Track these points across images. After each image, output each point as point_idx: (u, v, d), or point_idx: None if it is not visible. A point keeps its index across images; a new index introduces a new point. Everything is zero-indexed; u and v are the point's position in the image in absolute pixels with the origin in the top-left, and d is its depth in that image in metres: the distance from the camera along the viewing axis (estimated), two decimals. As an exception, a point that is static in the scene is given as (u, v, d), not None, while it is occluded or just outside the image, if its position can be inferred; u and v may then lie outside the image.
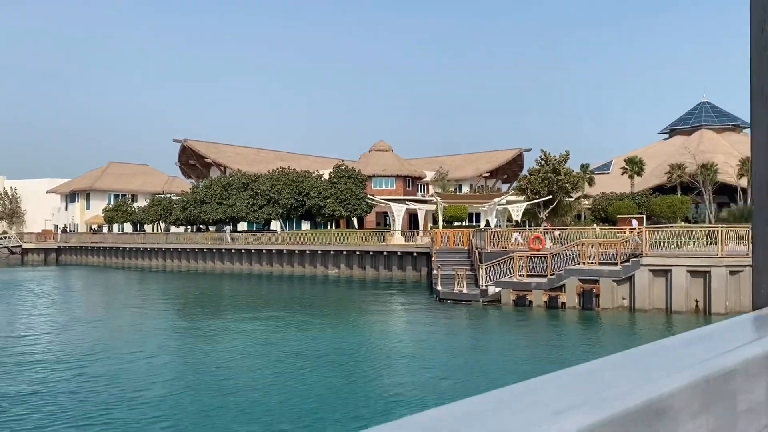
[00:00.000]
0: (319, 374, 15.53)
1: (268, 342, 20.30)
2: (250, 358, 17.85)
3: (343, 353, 18.30)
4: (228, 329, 23.28)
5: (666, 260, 24.79)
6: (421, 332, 22.51)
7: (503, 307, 27.27)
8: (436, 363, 16.97)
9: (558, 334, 21.87)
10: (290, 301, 32.92)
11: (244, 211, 58.49)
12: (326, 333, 21.98)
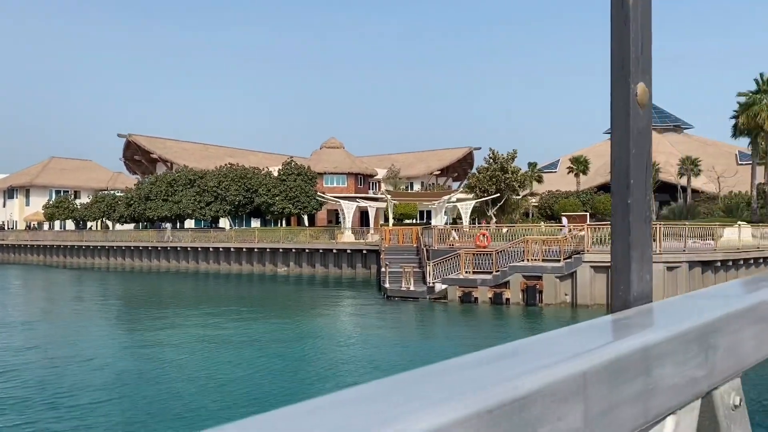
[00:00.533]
0: (262, 376, 15.23)
1: (211, 344, 19.85)
2: (192, 360, 17.39)
3: (288, 354, 18.03)
4: (169, 330, 22.65)
5: (607, 257, 25.30)
6: (367, 331, 22.40)
7: (449, 304, 27.42)
8: (381, 363, 16.88)
9: (501, 330, 22.09)
10: (236, 300, 32.35)
11: (191, 208, 57.28)
12: (271, 333, 21.64)
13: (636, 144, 0.98)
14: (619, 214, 1.00)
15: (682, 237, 26.32)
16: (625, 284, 1.00)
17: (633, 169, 0.98)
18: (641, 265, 1.01)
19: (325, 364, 16.66)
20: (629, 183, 0.96)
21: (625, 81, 0.98)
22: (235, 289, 38.50)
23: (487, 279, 27.40)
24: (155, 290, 38.16)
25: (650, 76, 1.04)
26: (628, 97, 0.98)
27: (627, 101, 0.97)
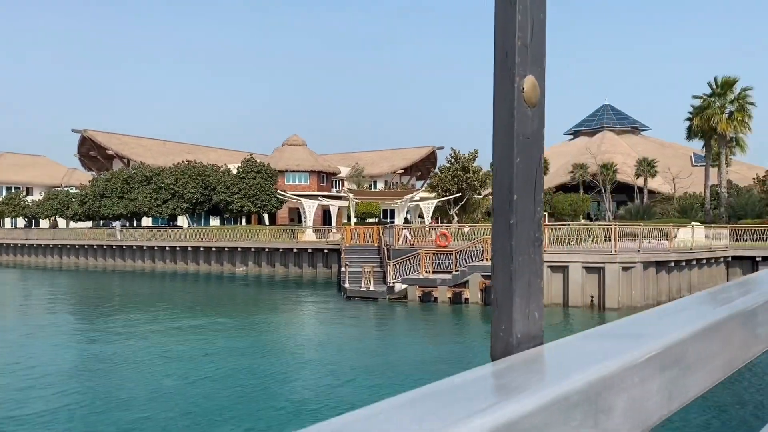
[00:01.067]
0: (217, 380, 14.77)
1: (163, 346, 19.25)
2: (141, 366, 16.78)
3: (243, 357, 17.57)
4: (119, 332, 21.92)
5: (563, 257, 25.53)
6: (325, 333, 22.08)
7: (409, 304, 27.26)
8: (338, 366, 16.56)
9: (458, 331, 22.02)
10: (190, 301, 31.63)
11: (147, 206, 55.95)
12: (226, 335, 21.13)
13: (522, 151, 0.82)
14: (500, 236, 0.82)
15: (636, 237, 26.66)
16: (506, 324, 0.82)
17: (518, 181, 0.81)
18: (527, 299, 0.83)
19: (281, 368, 16.27)
20: (512, 200, 0.80)
21: (510, 73, 0.82)
22: (190, 290, 37.68)
23: (447, 279, 27.33)
24: (105, 291, 37.07)
25: (543, 69, 0.87)
26: (513, 94, 0.82)
27: (511, 98, 0.82)
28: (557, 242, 28.12)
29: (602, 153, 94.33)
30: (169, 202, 56.36)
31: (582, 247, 27.14)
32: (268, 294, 34.13)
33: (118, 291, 37.02)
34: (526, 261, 0.83)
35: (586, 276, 25.32)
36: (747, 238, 34.19)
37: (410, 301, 27.61)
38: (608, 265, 24.86)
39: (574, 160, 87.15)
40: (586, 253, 25.55)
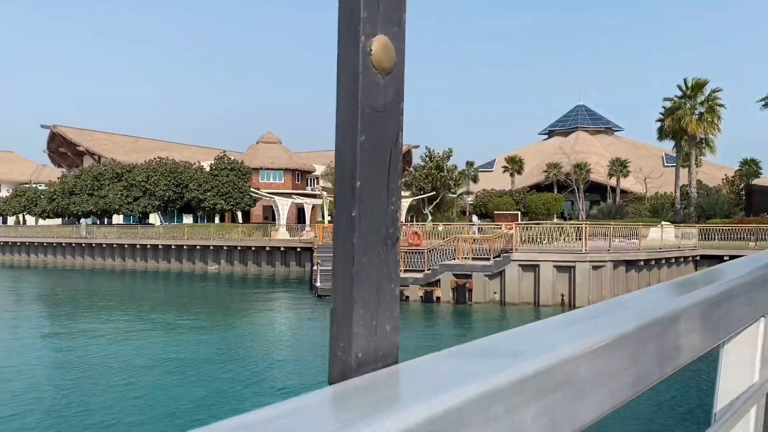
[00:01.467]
0: (178, 383, 14.46)
1: (125, 347, 18.85)
2: (108, 366, 16.39)
3: (207, 359, 17.26)
4: (82, 333, 21.43)
5: (534, 255, 25.61)
6: (294, 333, 21.84)
7: (380, 303, 27.10)
8: (306, 366, 16.36)
9: (430, 330, 21.90)
10: (160, 300, 31.11)
11: (118, 203, 55.01)
12: (192, 336, 20.78)
13: (370, 127, 0.64)
14: (341, 233, 0.65)
15: (607, 237, 26.84)
16: (345, 341, 0.64)
17: (363, 165, 0.64)
18: (374, 310, 0.66)
19: (249, 368, 15.99)
20: (354, 186, 0.63)
21: (354, 31, 0.63)
22: (161, 289, 37.08)
23: (419, 277, 27.22)
24: (71, 289, 36.31)
25: (401, 29, 0.67)
26: (357, 57, 0.63)
27: (355, 62, 0.64)
28: (529, 241, 28.18)
29: (576, 153, 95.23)
30: (140, 199, 55.48)
31: (554, 246, 27.24)
32: (238, 293, 33.71)
33: (85, 290, 36.28)
34: (375, 263, 0.65)
35: (557, 275, 25.43)
36: (715, 237, 34.66)
37: (382, 300, 27.43)
38: (579, 264, 24.98)
39: (549, 160, 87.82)
40: (556, 252, 25.66)
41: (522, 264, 25.70)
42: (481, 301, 26.00)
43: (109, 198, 55.41)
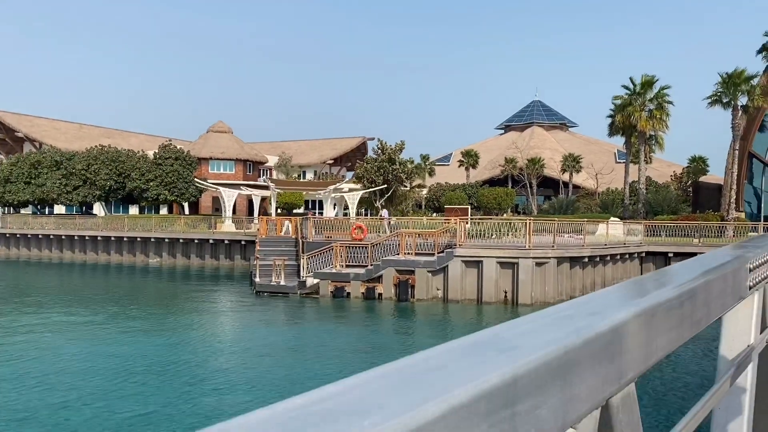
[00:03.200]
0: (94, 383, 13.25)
1: (49, 350, 17.44)
2: (30, 368, 15.02)
3: (126, 362, 16.02)
4: (8, 328, 19.89)
5: (477, 251, 24.96)
6: (225, 333, 20.69)
7: (321, 300, 26.13)
8: (234, 371, 15.30)
9: (371, 328, 21.07)
10: (90, 294, 29.43)
11: (56, 192, 52.47)
12: (112, 333, 19.45)
13: None
14: None
15: (551, 232, 26.38)
16: None
17: None
18: None
19: (163, 373, 14.84)
20: None
21: None
22: (93, 283, 35.25)
23: (360, 273, 26.33)
24: (4, 283, 34.25)
25: None
26: None
27: None
28: (478, 236, 27.57)
29: (531, 148, 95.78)
30: (80, 188, 53.03)
31: (503, 241, 26.66)
32: (175, 287, 32.25)
33: (15, 283, 34.24)
34: None
35: (500, 271, 24.87)
36: (662, 233, 34.78)
37: (322, 296, 26.47)
38: (522, 261, 24.46)
39: (504, 155, 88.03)
40: (500, 248, 25.08)
41: (465, 260, 25.03)
42: (423, 298, 25.27)
43: (47, 187, 52.81)
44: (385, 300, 25.57)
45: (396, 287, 25.61)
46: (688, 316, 1.11)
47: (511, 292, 24.71)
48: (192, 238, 44.73)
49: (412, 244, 26.49)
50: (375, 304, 25.10)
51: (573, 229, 29.01)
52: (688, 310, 1.11)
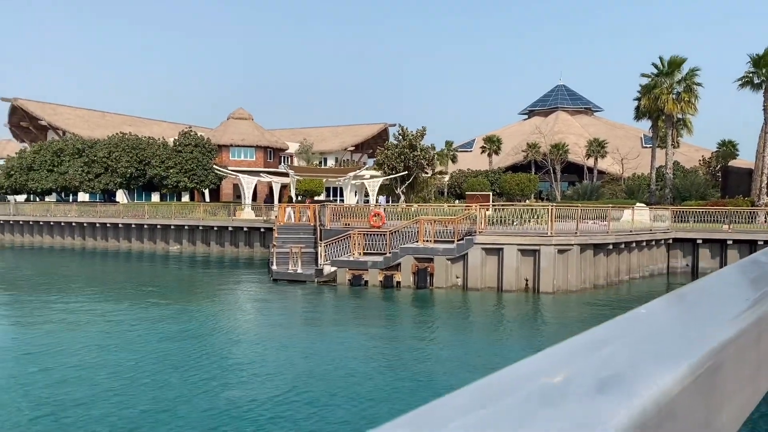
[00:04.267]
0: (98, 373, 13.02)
1: (64, 332, 17.31)
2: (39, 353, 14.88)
3: (141, 351, 15.80)
4: (26, 318, 19.84)
5: (498, 238, 24.29)
6: (240, 322, 20.38)
7: (338, 288, 25.73)
8: (247, 363, 14.98)
9: (389, 318, 20.55)
10: (111, 282, 29.46)
11: (78, 179, 52.80)
12: (124, 321, 19.27)
13: None
14: None
15: (574, 219, 25.56)
16: None
17: None
18: None
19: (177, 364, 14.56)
20: None
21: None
22: (114, 269, 35.34)
23: (378, 261, 25.85)
24: (25, 270, 34.45)
25: None
26: None
27: None
28: (499, 223, 26.85)
29: (555, 133, 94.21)
30: (102, 176, 53.33)
31: (524, 228, 25.93)
32: (193, 275, 32.14)
33: (37, 271, 34.44)
34: None
35: (521, 259, 24.20)
36: (689, 219, 33.71)
37: (339, 284, 26.07)
38: (543, 248, 23.76)
39: (528, 140, 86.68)
40: (521, 235, 24.38)
41: (485, 247, 24.40)
42: (442, 286, 24.73)
43: (69, 174, 53.18)
44: (404, 288, 25.07)
45: (414, 275, 25.09)
46: None
47: (533, 280, 24.05)
48: (211, 225, 44.67)
49: (431, 231, 25.92)
50: (393, 292, 24.62)
51: (597, 216, 28.12)
52: None
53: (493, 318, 20.41)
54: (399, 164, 49.81)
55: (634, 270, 28.99)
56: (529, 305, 22.13)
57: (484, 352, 15.38)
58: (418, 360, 14.56)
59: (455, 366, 14.04)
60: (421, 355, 15.08)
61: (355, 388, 12.17)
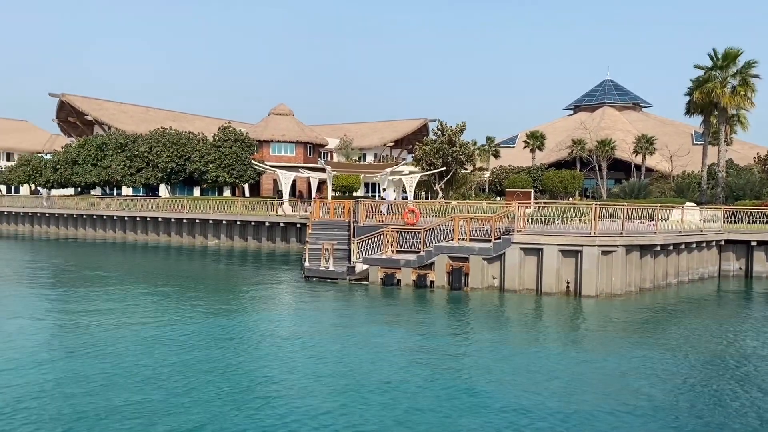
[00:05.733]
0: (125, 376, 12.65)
1: (94, 327, 17.13)
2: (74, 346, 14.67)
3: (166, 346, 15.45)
4: (65, 308, 19.81)
5: (537, 238, 23.19)
6: (266, 321, 19.88)
7: (370, 287, 25.04)
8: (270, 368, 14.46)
9: (422, 322, 19.69)
10: (148, 276, 29.44)
11: (120, 174, 53.53)
12: (157, 319, 18.99)
13: None
14: None
15: (620, 218, 24.24)
16: None
17: None
18: None
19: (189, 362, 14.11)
20: None
21: None
22: (152, 263, 35.44)
23: (412, 260, 25.05)
24: (67, 262, 34.88)
25: None
26: None
27: None
28: (540, 221, 25.69)
29: (602, 129, 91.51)
30: (143, 170, 53.95)
31: (566, 227, 24.76)
32: (228, 270, 31.93)
33: (77, 264, 34.81)
34: None
35: (562, 260, 23.07)
36: (743, 220, 31.90)
37: (371, 283, 25.38)
38: (586, 249, 22.57)
39: (573, 136, 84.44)
40: (562, 235, 23.21)
41: (524, 247, 23.34)
42: (478, 287, 23.78)
43: (112, 169, 53.97)
44: (437, 288, 24.23)
45: (449, 275, 24.22)
46: None
47: (574, 282, 22.89)
48: (249, 220, 44.64)
49: (466, 229, 24.98)
50: (426, 292, 23.79)
51: (644, 215, 26.70)
52: None
53: (532, 323, 19.37)
54: (437, 160, 48.85)
55: (683, 273, 27.48)
56: (570, 309, 21.01)
57: (524, 362, 14.45)
58: (456, 369, 13.72)
59: (492, 375, 13.17)
60: (459, 364, 14.21)
61: (390, 395, 11.47)
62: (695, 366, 14.21)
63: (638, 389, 12.29)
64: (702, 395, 12.06)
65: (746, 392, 12.26)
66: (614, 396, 11.85)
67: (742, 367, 14.14)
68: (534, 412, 10.88)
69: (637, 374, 13.37)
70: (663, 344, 16.30)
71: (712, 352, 15.57)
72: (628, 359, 14.66)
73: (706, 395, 12.06)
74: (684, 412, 11.07)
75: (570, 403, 11.40)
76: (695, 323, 19.46)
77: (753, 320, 20.30)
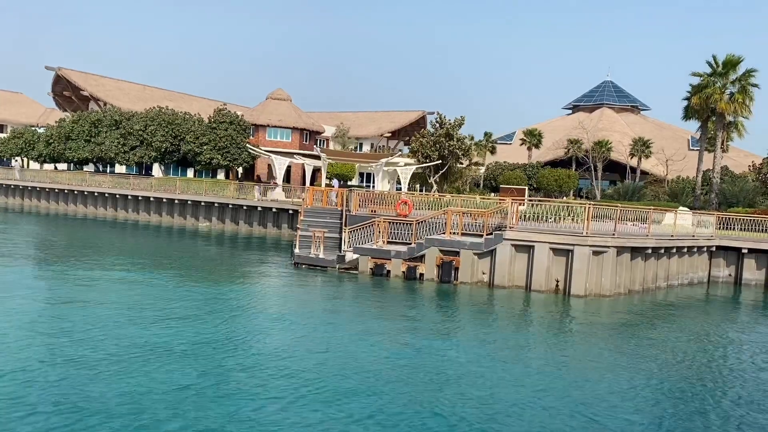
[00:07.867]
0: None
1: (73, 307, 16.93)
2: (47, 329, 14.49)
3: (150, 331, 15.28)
4: (46, 282, 19.60)
5: (529, 235, 23.11)
6: (252, 308, 19.74)
7: (360, 276, 24.92)
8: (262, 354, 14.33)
9: (411, 312, 19.60)
10: (138, 255, 29.20)
11: (114, 151, 53.04)
12: (135, 304, 18.81)
13: None
14: None
15: (612, 219, 24.18)
16: None
17: None
18: None
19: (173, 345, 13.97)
20: None
21: None
22: (142, 243, 35.18)
23: (402, 251, 24.93)
24: (51, 239, 34.57)
25: None
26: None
27: None
28: (533, 219, 25.65)
29: (599, 130, 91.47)
30: (137, 149, 53.48)
31: (559, 226, 24.69)
32: (219, 253, 31.73)
33: (65, 241, 34.51)
34: None
35: (553, 258, 23.00)
36: (735, 227, 31.93)
37: (361, 272, 25.25)
38: (578, 248, 22.51)
39: (570, 135, 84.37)
40: (554, 233, 23.13)
41: (515, 244, 23.25)
42: (467, 281, 23.70)
43: (106, 146, 53.47)
44: (427, 281, 24.13)
45: (439, 268, 24.13)
46: None
47: (564, 281, 22.85)
48: (241, 204, 44.38)
49: (459, 223, 24.87)
50: (416, 285, 23.68)
51: (637, 217, 26.69)
52: None
53: (520, 319, 19.31)
54: (434, 153, 48.64)
55: (673, 277, 27.50)
56: (559, 308, 20.97)
57: (510, 357, 14.38)
58: (438, 363, 13.64)
59: (475, 369, 13.08)
60: (441, 357, 14.13)
61: (367, 384, 11.36)
62: (673, 367, 14.19)
63: (616, 389, 12.25)
64: (677, 397, 12.03)
65: (717, 396, 12.23)
66: (591, 395, 11.80)
67: (720, 372, 14.13)
68: (509, 407, 10.80)
69: (616, 375, 13.32)
70: (647, 344, 16.26)
71: (691, 355, 15.55)
72: (610, 359, 14.62)
73: (681, 397, 12.02)
74: (655, 412, 11.02)
75: (544, 399, 11.33)
76: (680, 327, 19.45)
77: (738, 326, 20.32)
